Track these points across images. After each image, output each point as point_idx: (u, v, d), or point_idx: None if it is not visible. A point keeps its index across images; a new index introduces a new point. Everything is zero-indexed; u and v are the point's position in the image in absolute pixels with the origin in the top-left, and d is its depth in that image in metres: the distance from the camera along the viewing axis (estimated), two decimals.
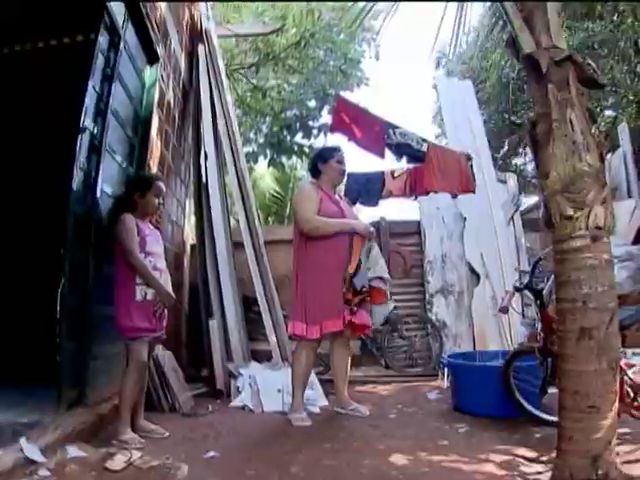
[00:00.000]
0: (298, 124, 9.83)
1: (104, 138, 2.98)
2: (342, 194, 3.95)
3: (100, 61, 3.02)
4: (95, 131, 2.93)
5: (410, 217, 6.89)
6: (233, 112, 5.56)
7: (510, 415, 3.23)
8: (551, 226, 1.91)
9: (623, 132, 7.11)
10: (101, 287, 2.87)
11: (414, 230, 6.63)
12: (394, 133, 3.80)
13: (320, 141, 9.57)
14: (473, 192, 4.43)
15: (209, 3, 5.93)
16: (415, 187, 4.99)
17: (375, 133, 3.69)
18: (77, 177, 2.66)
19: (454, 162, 4.48)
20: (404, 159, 4.12)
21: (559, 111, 1.95)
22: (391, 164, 4.63)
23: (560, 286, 1.88)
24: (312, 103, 9.71)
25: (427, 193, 4.96)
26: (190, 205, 5.66)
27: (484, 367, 3.66)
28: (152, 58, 4.07)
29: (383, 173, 5.28)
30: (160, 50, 4.17)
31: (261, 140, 10.25)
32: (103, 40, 3.06)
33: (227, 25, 6.93)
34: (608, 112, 10.49)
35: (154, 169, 4.12)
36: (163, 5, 4.19)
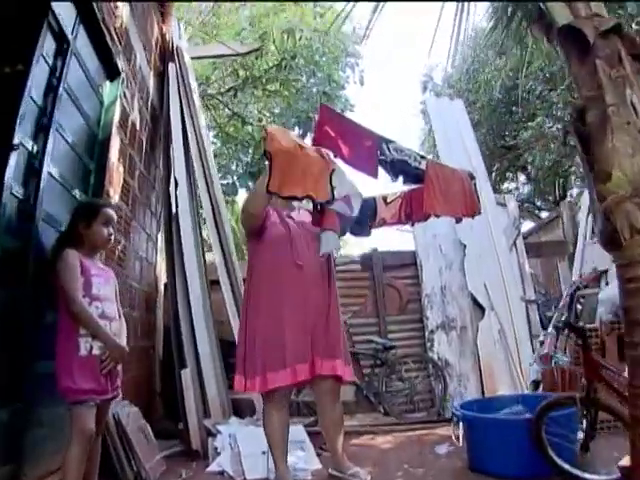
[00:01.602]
0: None
1: (45, 158, 2.53)
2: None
3: (42, 68, 2.60)
4: (34, 150, 2.49)
5: (405, 247, 6.55)
6: (207, 135, 5.18)
7: (538, 474, 2.81)
8: (615, 245, 1.47)
9: None
10: (42, 338, 2.39)
11: (409, 261, 6.26)
12: (388, 149, 3.40)
13: None
14: (479, 214, 4.02)
15: (181, 21, 5.61)
16: (412, 212, 4.57)
17: (366, 149, 3.28)
18: (7, 203, 2.21)
19: (457, 182, 4.08)
20: (400, 179, 3.69)
21: (615, 92, 1.57)
22: (384, 185, 4.22)
23: (632, 326, 1.44)
24: (295, 131, 9.44)
25: (426, 218, 4.53)
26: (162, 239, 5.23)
27: (507, 420, 3.20)
28: (112, 73, 3.69)
29: (374, 199, 4.86)
30: (122, 64, 3.80)
31: (241, 171, 9.91)
32: (47, 44, 2.65)
33: (203, 46, 6.65)
34: None
35: (115, 198, 3.68)
36: (125, 14, 3.82)
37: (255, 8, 7.40)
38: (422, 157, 3.83)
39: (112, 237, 2.48)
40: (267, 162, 2.58)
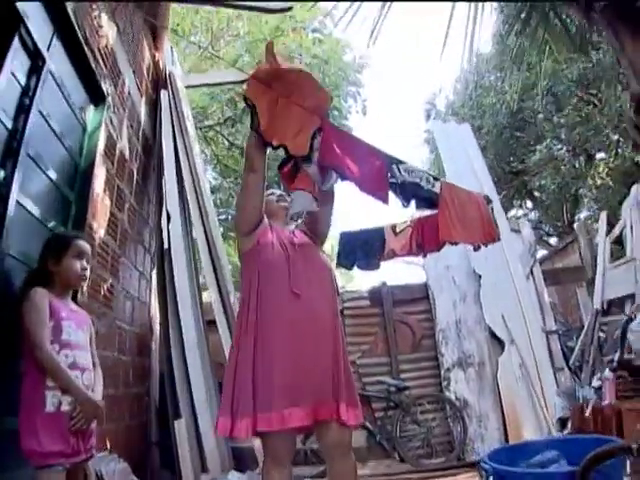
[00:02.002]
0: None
1: (13, 186, 2.25)
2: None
3: (12, 86, 2.35)
4: (0, 176, 2.22)
5: (415, 280, 6.26)
6: (201, 166, 4.93)
7: None
8: None
9: None
10: (6, 389, 2.07)
11: (421, 295, 5.95)
12: (399, 170, 3.10)
13: None
14: (498, 241, 3.71)
15: (181, 55, 5.44)
16: (424, 242, 4.25)
17: (376, 170, 2.98)
18: None
19: (473, 206, 3.77)
20: (412, 204, 3.37)
21: None
22: (394, 212, 3.95)
23: None
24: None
25: (439, 248, 4.20)
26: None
27: (548, 475, 2.81)
28: (96, 97, 3.45)
29: (383, 229, 4.56)
30: (108, 88, 3.56)
31: None
32: (18, 61, 2.40)
33: (199, 74, 6.49)
34: None
35: (100, 232, 3.40)
36: (110, 35, 3.61)
37: (252, 34, 7.26)
38: (435, 179, 3.54)
39: (86, 273, 2.18)
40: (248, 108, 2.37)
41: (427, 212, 3.89)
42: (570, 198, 11.02)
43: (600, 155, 10.45)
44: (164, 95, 4.91)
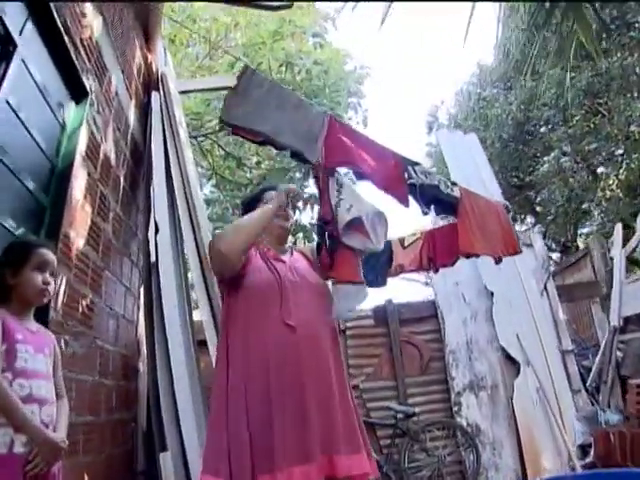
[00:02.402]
0: None
1: None
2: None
3: None
4: None
5: (423, 297, 5.96)
6: (194, 173, 4.62)
7: None
8: None
9: None
10: None
11: (429, 313, 5.65)
12: (415, 171, 2.81)
13: (306, 216, 8.73)
14: (520, 253, 3.44)
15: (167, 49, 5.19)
16: (435, 255, 3.95)
17: (392, 168, 2.69)
18: None
19: (492, 214, 3.49)
20: (432, 210, 3.08)
21: None
22: (402, 223, 3.66)
23: None
24: (297, 174, 8.98)
25: (453, 262, 3.92)
26: None
27: None
28: (77, 92, 3.16)
29: (390, 243, 4.27)
30: (91, 84, 3.27)
31: (234, 217, 9.37)
32: None
33: (194, 80, 6.24)
34: None
35: (78, 243, 3.08)
36: (96, 26, 3.33)
37: (250, 39, 7.02)
38: (453, 183, 3.25)
39: (50, 287, 1.86)
40: None
41: (440, 221, 3.60)
42: (576, 212, 10.76)
43: (609, 167, 10.22)
44: (155, 97, 4.63)
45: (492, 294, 5.55)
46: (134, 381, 4.51)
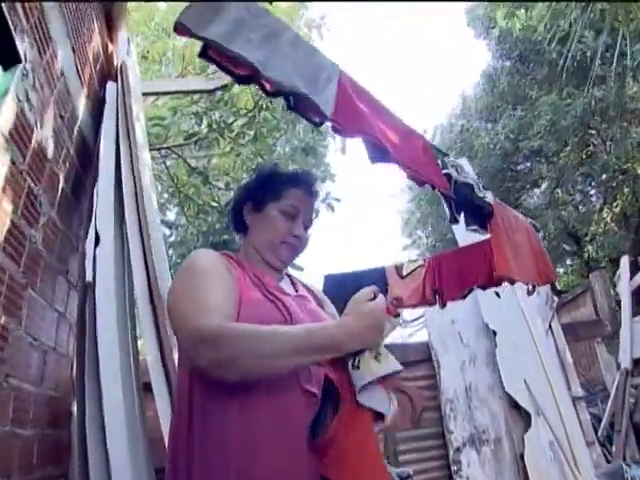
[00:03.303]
0: None
1: None
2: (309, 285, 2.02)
3: None
4: None
5: (415, 338, 5.48)
6: (150, 179, 3.97)
7: None
8: None
9: None
10: None
11: (422, 356, 5.16)
12: (444, 163, 2.22)
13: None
14: (555, 280, 2.87)
15: (128, 33, 4.58)
16: (442, 287, 3.40)
17: (420, 151, 2.08)
18: None
19: (523, 232, 2.97)
20: (462, 217, 2.48)
21: None
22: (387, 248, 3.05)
23: None
24: None
25: (465, 294, 3.37)
26: None
27: None
28: (8, 56, 2.51)
29: (383, 270, 3.67)
30: (27, 49, 2.61)
31: (199, 242, 8.62)
32: None
33: (160, 81, 5.63)
34: None
35: None
36: None
37: None
38: (484, 187, 2.67)
39: None
40: None
41: (472, 237, 3.05)
42: (562, 248, 10.46)
43: (605, 198, 9.99)
44: (111, 88, 4.01)
45: (494, 334, 4.97)
46: (66, 429, 3.69)
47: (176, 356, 3.21)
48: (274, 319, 1.47)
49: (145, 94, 5.20)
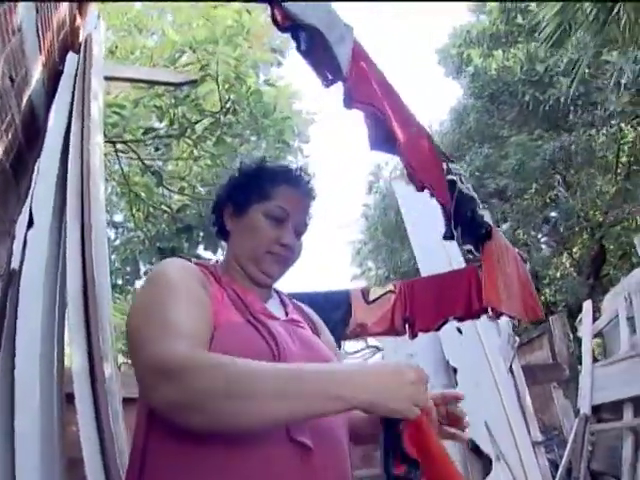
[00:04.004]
0: (201, 231, 7.87)
1: None
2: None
3: None
4: None
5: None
6: (99, 163, 3.61)
7: None
8: None
9: None
10: None
11: None
12: (449, 170, 1.99)
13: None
14: (541, 317, 2.71)
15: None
16: (413, 316, 3.16)
17: (424, 147, 1.86)
18: None
19: (512, 262, 2.77)
20: (458, 233, 2.25)
21: None
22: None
23: None
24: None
25: (438, 326, 3.17)
26: None
27: None
28: None
29: (348, 294, 3.40)
30: None
31: (144, 245, 8.12)
32: None
33: (125, 66, 5.28)
34: None
35: None
36: None
37: (198, 28, 6.16)
38: (481, 205, 2.47)
39: None
40: None
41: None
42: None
43: (566, 243, 10.17)
44: (71, 59, 3.66)
45: (455, 371, 4.78)
46: None
47: (107, 366, 2.82)
48: (256, 349, 1.17)
49: (108, 78, 4.85)
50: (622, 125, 8.40)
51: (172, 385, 0.97)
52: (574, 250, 9.13)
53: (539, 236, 9.86)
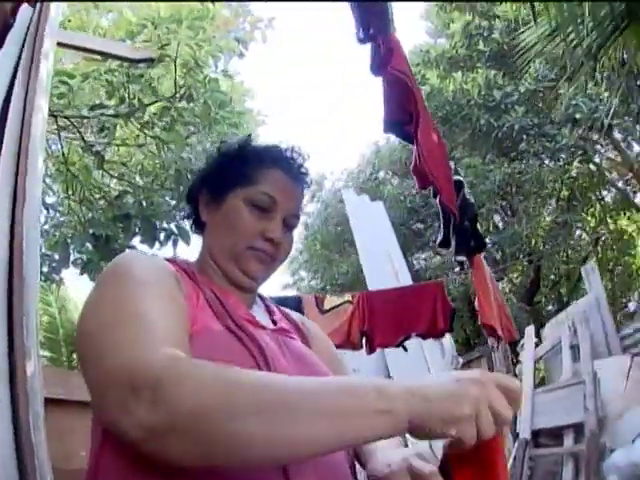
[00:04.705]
0: (139, 221, 7.42)
1: None
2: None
3: None
4: None
5: None
6: (41, 132, 3.26)
7: None
8: None
9: (592, 273, 6.33)
10: None
11: None
12: (457, 168, 1.90)
13: (167, 252, 7.25)
14: (515, 340, 2.65)
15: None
16: (372, 330, 3.04)
17: (435, 142, 1.77)
18: None
19: (491, 283, 2.67)
20: (453, 242, 2.15)
21: None
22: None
23: None
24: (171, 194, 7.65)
25: (399, 341, 3.03)
26: None
27: None
28: None
29: (300, 300, 3.25)
30: None
31: (75, 230, 7.59)
32: None
33: (79, 34, 4.89)
34: None
35: None
36: None
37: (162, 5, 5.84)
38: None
39: None
40: None
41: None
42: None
43: (507, 270, 10.44)
44: (26, 11, 3.24)
45: None
46: None
47: (30, 363, 2.47)
48: (239, 363, 0.91)
49: (60, 45, 4.49)
50: (569, 159, 8.75)
51: (152, 405, 0.73)
52: (515, 276, 9.38)
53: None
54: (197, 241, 1.31)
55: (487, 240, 9.25)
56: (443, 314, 2.73)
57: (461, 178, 1.91)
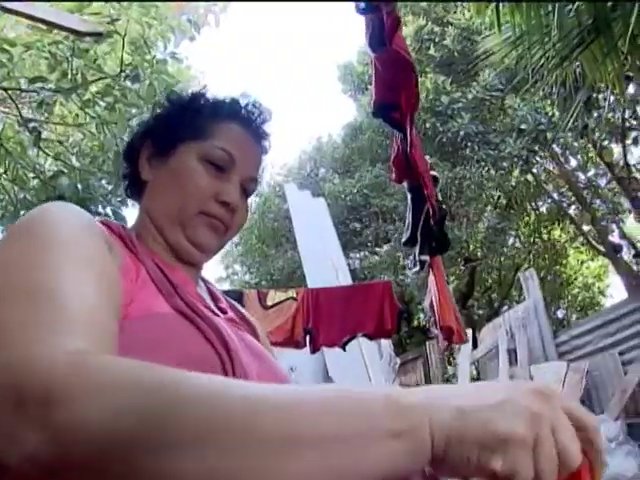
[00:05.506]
0: (75, 204, 7.13)
1: None
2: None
3: None
4: None
5: None
6: None
7: None
8: None
9: (531, 279, 6.51)
10: None
11: None
12: (432, 166, 1.92)
13: None
14: (465, 342, 2.71)
15: None
16: (317, 328, 3.01)
17: (419, 141, 1.77)
18: None
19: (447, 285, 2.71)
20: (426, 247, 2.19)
21: None
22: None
23: None
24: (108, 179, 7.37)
25: (344, 342, 3.02)
26: None
27: None
28: None
29: (241, 294, 3.19)
30: None
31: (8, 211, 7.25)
32: None
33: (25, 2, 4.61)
34: None
35: None
36: None
37: None
38: None
39: None
40: None
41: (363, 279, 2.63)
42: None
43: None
44: None
45: None
46: None
47: None
48: (195, 357, 0.73)
49: (3, 9, 4.22)
50: (510, 168, 9.07)
51: (42, 430, 0.46)
52: (451, 279, 9.64)
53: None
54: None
55: None
56: (391, 314, 2.72)
57: (436, 174, 1.91)
